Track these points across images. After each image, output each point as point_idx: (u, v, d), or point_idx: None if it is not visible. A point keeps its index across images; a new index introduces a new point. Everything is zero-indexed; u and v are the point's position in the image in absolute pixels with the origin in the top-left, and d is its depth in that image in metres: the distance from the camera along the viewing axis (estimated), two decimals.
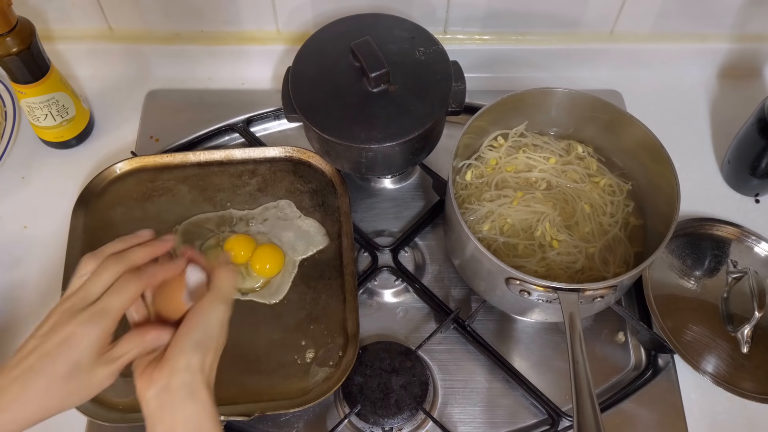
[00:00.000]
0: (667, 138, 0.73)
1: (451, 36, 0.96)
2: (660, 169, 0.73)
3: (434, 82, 0.78)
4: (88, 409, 0.70)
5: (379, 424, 0.71)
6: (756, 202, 0.90)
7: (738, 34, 0.96)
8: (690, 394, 0.76)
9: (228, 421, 0.70)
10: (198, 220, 0.82)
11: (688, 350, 0.75)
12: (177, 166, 0.86)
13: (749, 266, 0.80)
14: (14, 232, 0.86)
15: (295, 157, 0.87)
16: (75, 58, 0.97)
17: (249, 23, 0.94)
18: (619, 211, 0.77)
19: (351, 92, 0.77)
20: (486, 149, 0.81)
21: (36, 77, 0.81)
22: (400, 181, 0.90)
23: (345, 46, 0.78)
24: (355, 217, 0.85)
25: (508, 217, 0.75)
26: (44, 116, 0.86)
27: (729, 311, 0.78)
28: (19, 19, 0.77)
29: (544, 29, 0.95)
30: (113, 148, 0.92)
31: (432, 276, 0.83)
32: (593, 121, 0.79)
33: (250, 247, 0.79)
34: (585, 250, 0.74)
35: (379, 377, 0.73)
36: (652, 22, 0.94)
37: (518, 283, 0.66)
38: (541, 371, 0.77)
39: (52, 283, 0.80)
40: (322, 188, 0.85)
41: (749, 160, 0.86)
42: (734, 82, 1.00)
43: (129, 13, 0.92)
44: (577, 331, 0.64)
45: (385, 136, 0.74)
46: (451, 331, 0.79)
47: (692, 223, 0.85)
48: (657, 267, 0.81)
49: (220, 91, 0.98)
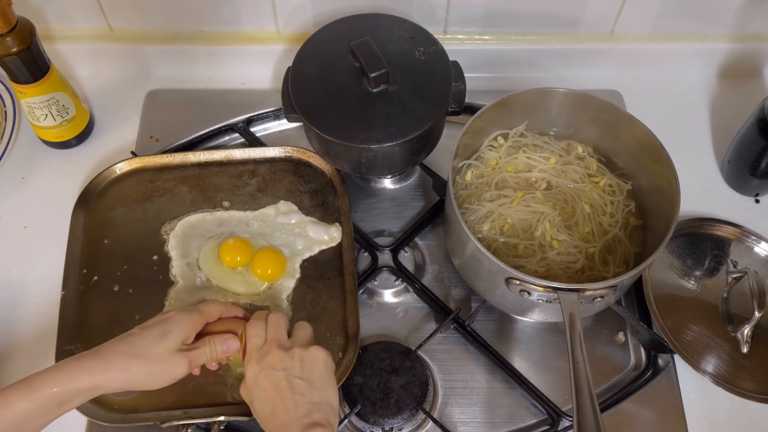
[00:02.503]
0: (667, 138, 0.73)
1: (451, 36, 0.96)
2: (660, 169, 0.73)
3: (434, 82, 0.78)
4: (88, 410, 0.70)
5: (379, 424, 0.71)
6: (756, 202, 0.90)
7: (738, 34, 0.96)
8: (690, 394, 0.76)
9: (228, 421, 0.70)
10: (197, 221, 0.82)
11: (688, 350, 0.75)
12: (177, 166, 0.86)
13: (749, 266, 0.80)
14: (14, 232, 0.86)
15: (295, 157, 0.87)
16: (75, 58, 0.97)
17: (249, 23, 0.94)
18: (619, 211, 0.77)
19: (351, 92, 0.77)
20: (486, 149, 0.81)
21: (36, 77, 0.81)
22: (400, 181, 0.90)
23: (345, 46, 0.78)
24: (355, 217, 0.85)
25: (508, 217, 0.75)
26: (44, 116, 0.86)
27: (729, 311, 0.78)
28: (19, 19, 0.77)
29: (544, 29, 0.95)
30: (113, 148, 0.92)
31: (432, 276, 0.83)
32: (593, 121, 0.79)
33: (248, 251, 0.78)
34: (585, 250, 0.74)
35: (379, 377, 0.73)
36: (652, 22, 0.94)
37: (518, 283, 0.66)
38: (541, 371, 0.77)
39: (52, 283, 0.80)
40: (322, 188, 0.85)
41: (749, 160, 0.85)
42: (734, 82, 1.00)
43: (129, 13, 0.92)
44: (577, 331, 0.64)
45: (385, 136, 0.74)
46: (451, 331, 0.79)
47: (692, 223, 0.85)
48: (657, 267, 0.81)
49: (220, 91, 0.98)
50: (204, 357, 0.65)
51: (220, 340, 0.66)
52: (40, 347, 0.76)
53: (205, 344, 0.66)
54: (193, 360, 0.64)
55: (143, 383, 0.62)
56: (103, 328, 0.75)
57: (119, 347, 0.62)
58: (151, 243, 0.81)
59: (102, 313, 0.76)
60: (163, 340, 0.62)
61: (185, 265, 0.79)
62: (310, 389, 0.61)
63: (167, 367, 0.62)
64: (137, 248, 0.80)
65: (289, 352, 0.63)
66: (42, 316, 0.79)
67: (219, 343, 0.66)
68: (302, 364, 0.62)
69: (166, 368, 0.62)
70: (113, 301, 0.77)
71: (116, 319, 0.76)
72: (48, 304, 0.79)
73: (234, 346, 0.67)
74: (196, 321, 0.66)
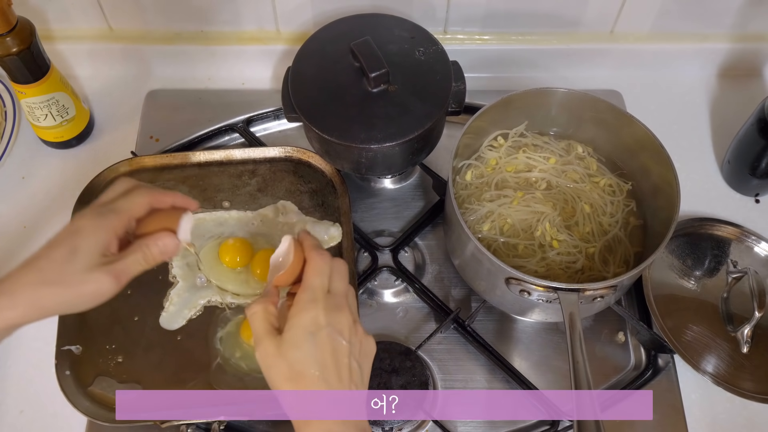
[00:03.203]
0: (667, 138, 0.73)
1: (451, 36, 0.96)
2: (660, 169, 0.73)
3: (434, 82, 0.78)
4: (88, 409, 0.70)
5: (379, 424, 0.71)
6: (756, 202, 0.90)
7: (738, 34, 0.96)
8: (690, 394, 0.76)
9: (228, 421, 0.70)
10: (197, 221, 0.82)
11: (688, 350, 0.75)
12: (177, 166, 0.86)
13: (749, 266, 0.80)
14: (14, 232, 0.86)
15: (295, 157, 0.87)
16: (75, 58, 0.97)
17: (249, 23, 0.94)
18: (619, 211, 0.77)
19: (351, 92, 0.77)
20: (486, 149, 0.81)
21: (36, 77, 0.81)
22: (400, 181, 0.90)
23: (345, 46, 0.78)
24: (355, 217, 0.85)
25: (508, 217, 0.75)
26: (44, 116, 0.86)
27: (729, 311, 0.78)
28: (19, 19, 0.77)
29: (544, 29, 0.95)
30: (113, 148, 0.92)
31: (432, 276, 0.83)
32: (593, 121, 0.79)
33: (248, 251, 0.78)
34: (585, 250, 0.74)
35: (379, 377, 0.73)
36: (652, 22, 0.94)
37: (518, 283, 0.66)
38: (541, 371, 0.77)
39: None
40: (322, 188, 0.85)
41: (749, 160, 0.85)
42: (734, 82, 1.00)
43: (129, 13, 0.92)
44: (577, 331, 0.64)
45: (385, 136, 0.74)
46: (451, 331, 0.79)
47: (692, 223, 0.85)
48: (657, 267, 0.81)
49: (220, 91, 0.98)
50: (136, 266, 0.55)
51: (154, 241, 0.55)
52: (40, 347, 0.76)
53: (134, 251, 0.54)
54: (121, 274, 0.54)
55: (62, 311, 0.55)
56: (103, 328, 0.75)
57: (24, 277, 0.52)
58: None
59: (102, 313, 0.75)
60: (73, 259, 0.52)
61: (185, 266, 0.79)
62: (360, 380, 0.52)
63: (86, 289, 0.53)
64: None
65: (356, 325, 0.53)
66: None
67: (152, 245, 0.55)
68: (360, 349, 0.53)
69: (84, 291, 0.53)
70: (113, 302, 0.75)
71: (116, 320, 0.76)
72: None
73: (172, 245, 0.56)
74: (113, 225, 0.54)
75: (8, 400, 0.75)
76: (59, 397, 0.70)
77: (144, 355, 0.74)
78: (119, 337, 0.75)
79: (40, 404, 0.75)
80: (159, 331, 0.75)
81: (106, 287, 0.53)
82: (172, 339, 0.75)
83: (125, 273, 0.54)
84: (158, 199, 0.57)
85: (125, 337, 0.75)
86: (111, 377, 0.72)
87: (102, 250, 0.53)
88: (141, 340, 0.74)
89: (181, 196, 0.59)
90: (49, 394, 0.72)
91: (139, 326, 0.75)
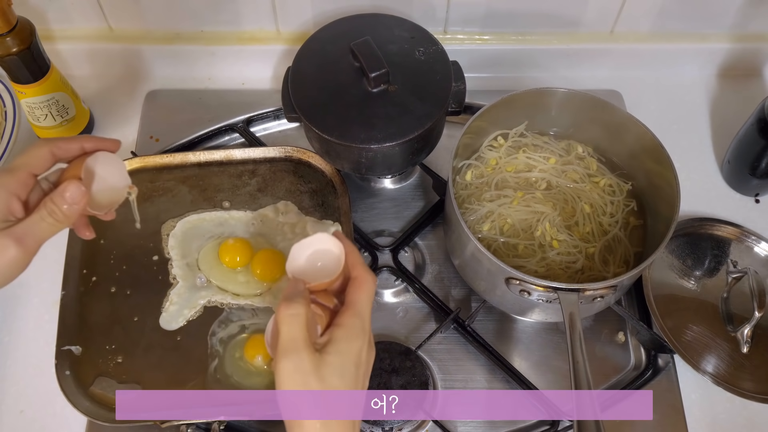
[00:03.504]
0: (667, 138, 0.73)
1: (451, 36, 0.96)
2: (660, 169, 0.73)
3: (434, 82, 0.78)
4: (88, 410, 0.70)
5: (379, 424, 0.71)
6: (756, 202, 0.90)
7: (738, 34, 0.96)
8: (690, 394, 0.76)
9: (228, 421, 0.70)
10: (197, 221, 0.82)
11: (688, 350, 0.75)
12: (177, 166, 0.86)
13: (749, 266, 0.80)
14: None
15: (295, 157, 0.87)
16: (75, 58, 0.97)
17: (249, 23, 0.94)
18: (619, 211, 0.77)
19: (351, 92, 0.77)
20: (486, 149, 0.81)
21: (36, 77, 0.81)
22: (400, 181, 0.90)
23: (345, 46, 0.78)
24: (355, 217, 0.85)
25: (508, 217, 0.75)
26: (44, 116, 0.86)
27: (729, 311, 0.78)
28: (19, 19, 0.77)
29: (544, 29, 0.95)
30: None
31: (432, 276, 0.83)
32: (593, 121, 0.79)
33: (248, 251, 0.78)
34: (585, 250, 0.74)
35: (379, 377, 0.73)
36: (652, 22, 0.94)
37: (518, 283, 0.66)
38: (541, 371, 0.77)
39: (52, 283, 0.80)
40: (322, 188, 0.85)
41: (749, 160, 0.85)
42: (734, 82, 1.00)
43: (129, 13, 0.92)
44: (577, 331, 0.64)
45: (385, 136, 0.74)
46: (451, 331, 0.79)
47: (692, 223, 0.85)
48: (657, 267, 0.81)
49: (220, 91, 0.98)
50: (43, 226, 0.48)
51: (58, 193, 0.48)
52: (40, 347, 0.76)
53: (39, 209, 0.48)
54: (24, 236, 0.47)
55: None
56: (103, 328, 0.75)
57: None
58: (151, 243, 0.81)
59: (102, 313, 0.76)
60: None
61: (185, 266, 0.79)
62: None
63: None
64: (137, 248, 0.80)
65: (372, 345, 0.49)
66: (42, 316, 0.79)
67: (58, 198, 0.48)
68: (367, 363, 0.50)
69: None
70: (113, 302, 0.77)
71: (116, 320, 0.76)
72: (48, 304, 0.79)
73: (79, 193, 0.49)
74: (10, 185, 0.48)
75: (8, 400, 0.75)
76: (59, 397, 0.70)
77: (144, 355, 0.74)
78: (119, 337, 0.75)
79: (40, 404, 0.75)
80: (159, 331, 0.75)
81: (11, 253, 0.47)
82: (172, 339, 0.75)
83: (29, 234, 0.47)
84: (60, 147, 0.50)
85: (125, 337, 0.75)
86: (111, 377, 0.72)
87: (3, 216, 0.47)
88: (141, 341, 0.74)
89: (92, 138, 0.52)
90: (49, 394, 0.72)
91: (139, 326, 0.75)
